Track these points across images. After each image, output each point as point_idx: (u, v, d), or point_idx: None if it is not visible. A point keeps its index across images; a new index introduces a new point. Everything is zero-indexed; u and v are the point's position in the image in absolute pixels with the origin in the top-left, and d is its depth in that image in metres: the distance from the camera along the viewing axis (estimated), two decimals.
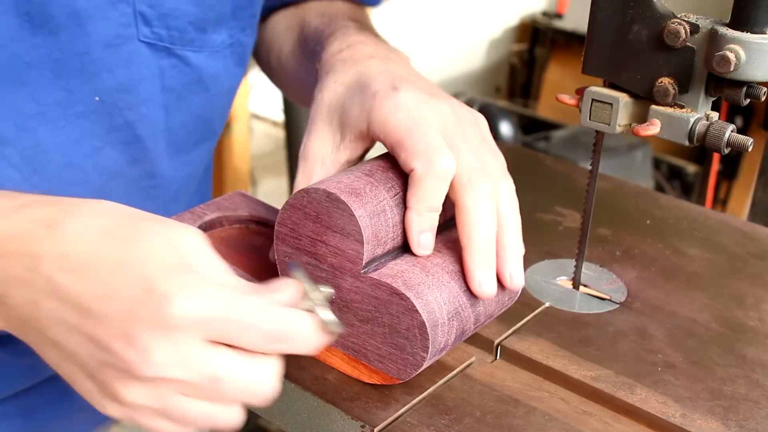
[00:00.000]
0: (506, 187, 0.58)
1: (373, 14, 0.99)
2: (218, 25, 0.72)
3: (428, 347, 0.53)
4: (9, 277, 0.48)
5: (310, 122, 0.63)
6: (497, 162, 0.59)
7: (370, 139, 0.60)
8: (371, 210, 0.55)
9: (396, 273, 0.54)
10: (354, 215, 0.54)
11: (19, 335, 0.50)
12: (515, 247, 0.57)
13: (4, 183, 0.63)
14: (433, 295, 0.54)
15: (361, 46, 0.67)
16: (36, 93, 0.62)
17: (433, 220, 0.56)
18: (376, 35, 0.73)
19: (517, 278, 0.57)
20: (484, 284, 0.56)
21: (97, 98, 0.66)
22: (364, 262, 0.55)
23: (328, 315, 0.49)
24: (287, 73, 0.84)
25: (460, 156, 0.56)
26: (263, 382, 0.47)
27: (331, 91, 0.63)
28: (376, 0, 0.88)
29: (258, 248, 0.67)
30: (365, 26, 0.75)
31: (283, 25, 0.83)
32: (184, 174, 0.78)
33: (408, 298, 0.53)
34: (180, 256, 0.46)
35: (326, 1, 0.83)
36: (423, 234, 0.56)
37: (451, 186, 0.56)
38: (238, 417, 0.48)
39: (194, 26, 0.70)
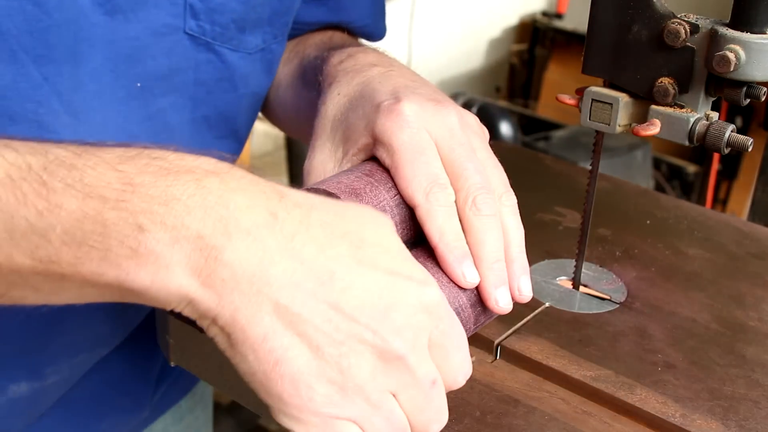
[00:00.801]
0: (509, 201, 0.58)
1: None
2: (256, 27, 0.73)
3: None
4: (229, 231, 0.43)
5: (314, 136, 0.63)
6: (501, 176, 0.59)
7: (372, 153, 0.60)
8: None
9: None
10: None
11: (214, 300, 0.43)
12: (521, 260, 0.58)
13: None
14: None
15: (361, 55, 0.67)
16: (88, 73, 0.63)
17: (467, 246, 0.56)
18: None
19: (525, 291, 0.57)
20: (501, 301, 0.56)
21: (138, 84, 0.66)
22: None
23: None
24: (284, 105, 0.84)
25: (468, 178, 0.56)
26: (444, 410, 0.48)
27: (334, 103, 0.63)
28: (380, 34, 0.88)
29: None
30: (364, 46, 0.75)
31: (283, 57, 0.84)
32: None
33: None
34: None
35: (327, 34, 0.83)
36: (467, 264, 0.55)
37: (458, 207, 0.56)
38: None
39: (236, 24, 0.70)
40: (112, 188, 0.43)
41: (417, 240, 0.57)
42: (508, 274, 0.57)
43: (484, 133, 0.62)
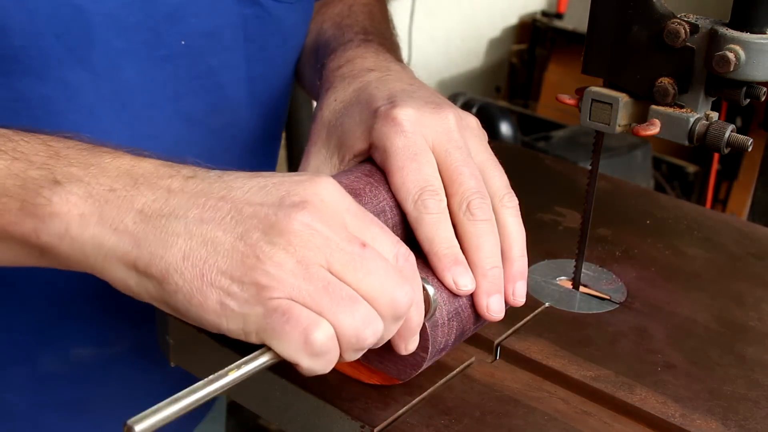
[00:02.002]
0: (510, 203, 0.58)
1: None
2: None
3: (428, 347, 0.53)
4: (138, 184, 0.48)
5: (310, 142, 0.63)
6: (501, 178, 0.59)
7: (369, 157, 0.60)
8: (371, 210, 0.55)
9: None
10: None
11: (129, 243, 0.47)
12: (521, 263, 0.57)
13: (100, 116, 0.65)
14: None
15: (359, 60, 0.67)
16: (126, 31, 0.63)
17: (459, 253, 0.56)
18: (381, 43, 0.72)
19: (519, 296, 0.57)
20: (492, 308, 0.56)
21: (183, 42, 0.66)
22: None
23: (432, 289, 0.52)
24: (302, 77, 0.84)
25: (462, 183, 0.56)
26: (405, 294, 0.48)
27: (330, 110, 0.63)
28: None
29: None
30: (374, 34, 0.75)
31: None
32: (263, 128, 0.78)
33: None
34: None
35: (347, 3, 0.83)
36: (457, 272, 0.55)
37: (451, 212, 0.56)
38: (372, 329, 0.47)
39: None
40: (39, 156, 0.49)
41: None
42: (506, 276, 0.57)
43: (484, 134, 0.62)
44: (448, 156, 0.57)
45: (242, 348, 0.61)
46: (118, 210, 0.47)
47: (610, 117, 0.61)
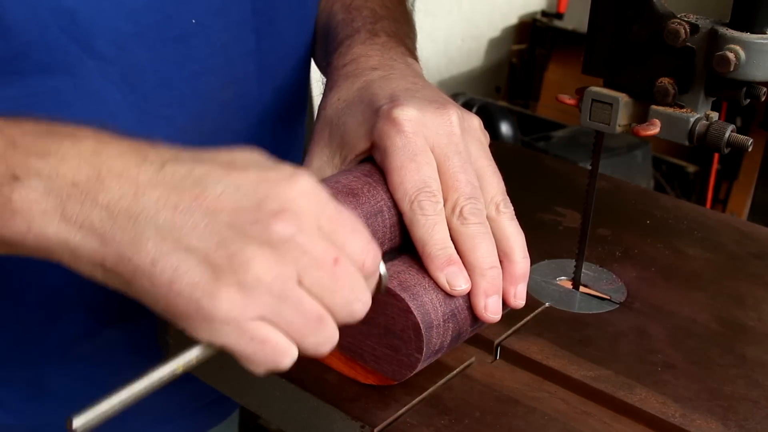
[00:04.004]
0: (506, 209, 0.58)
1: None
2: None
3: (423, 348, 0.53)
4: (102, 176, 0.45)
5: (312, 142, 0.63)
6: (498, 184, 0.59)
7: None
8: (368, 210, 0.55)
9: (392, 274, 0.54)
10: None
11: (96, 242, 0.45)
12: (524, 265, 0.57)
13: (107, 99, 0.64)
14: (428, 297, 0.54)
15: (363, 59, 0.66)
16: (134, 14, 0.63)
17: (453, 254, 0.56)
18: (389, 33, 0.72)
19: (520, 297, 0.57)
20: (490, 309, 0.56)
21: (193, 21, 0.66)
22: None
23: (383, 268, 0.51)
24: (315, 51, 0.84)
25: (458, 188, 0.56)
26: (362, 292, 0.47)
27: (333, 109, 0.63)
28: None
29: None
30: (384, 18, 0.74)
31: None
32: (274, 101, 0.78)
33: (403, 299, 0.53)
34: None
35: None
36: (450, 272, 0.55)
37: (446, 217, 0.56)
38: (333, 334, 0.47)
39: None
40: None
41: None
42: (509, 277, 0.57)
43: (486, 137, 0.61)
44: (447, 160, 0.57)
45: None
46: (81, 206, 0.45)
47: (610, 117, 0.61)
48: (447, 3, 2.62)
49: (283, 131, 0.82)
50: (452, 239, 0.56)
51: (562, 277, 0.72)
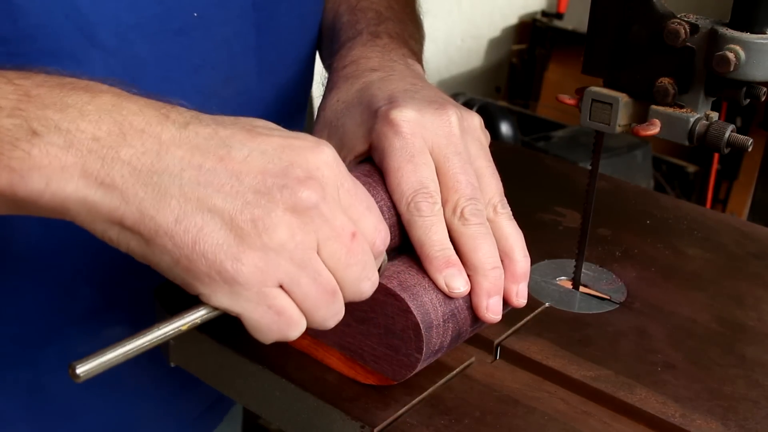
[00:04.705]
0: (504, 210, 0.58)
1: None
2: None
3: (422, 348, 0.53)
4: (124, 131, 0.44)
5: None
6: (497, 186, 0.59)
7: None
8: None
9: (392, 274, 0.54)
10: None
11: (117, 199, 0.44)
12: (524, 264, 0.58)
13: None
14: (428, 297, 0.54)
15: (363, 61, 0.66)
16: (135, 4, 0.62)
17: (452, 255, 0.56)
18: (392, 35, 0.72)
19: (522, 297, 0.57)
20: (492, 309, 0.56)
21: (195, 14, 0.66)
22: None
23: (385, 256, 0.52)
24: (321, 51, 0.84)
25: (457, 190, 0.56)
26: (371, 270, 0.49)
27: (332, 110, 0.63)
28: None
29: None
30: (389, 19, 0.74)
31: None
32: (276, 97, 0.78)
33: (403, 299, 0.53)
34: None
35: None
36: (449, 274, 0.55)
37: (446, 218, 0.56)
38: (339, 310, 0.48)
39: None
40: (8, 99, 0.44)
41: None
42: (510, 276, 0.57)
43: (486, 137, 0.61)
44: (446, 161, 0.57)
45: (242, 347, 0.61)
46: (102, 162, 0.44)
47: (610, 117, 0.61)
48: (447, 3, 2.62)
49: (282, 125, 0.82)
50: (453, 240, 0.55)
51: (562, 277, 0.72)
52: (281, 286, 0.45)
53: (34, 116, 0.44)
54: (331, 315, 0.47)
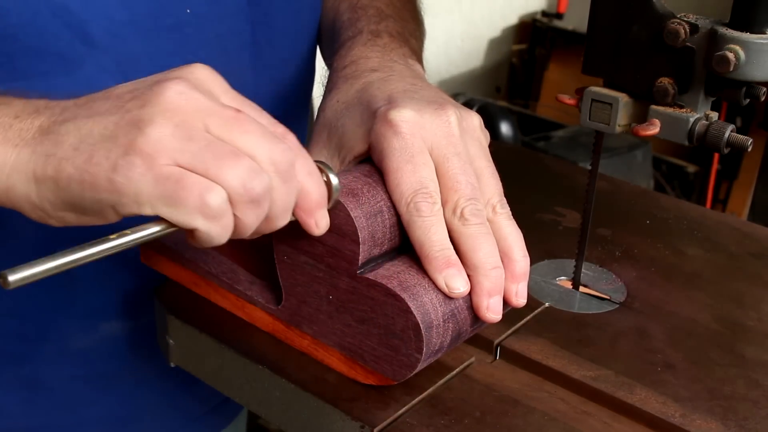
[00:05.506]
0: (503, 210, 0.58)
1: None
2: None
3: (422, 348, 0.53)
4: (42, 107, 0.51)
5: (311, 143, 0.63)
6: (496, 186, 0.59)
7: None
8: (368, 210, 0.55)
9: (392, 274, 0.54)
10: (350, 215, 0.54)
11: (31, 149, 0.49)
12: (524, 263, 0.57)
13: (101, 87, 0.67)
14: (428, 297, 0.54)
15: (363, 61, 0.66)
16: (127, 1, 0.63)
17: (451, 255, 0.55)
18: (392, 34, 0.72)
19: (522, 296, 0.57)
20: (493, 309, 0.56)
21: (188, 10, 0.67)
22: (360, 262, 0.55)
23: (335, 178, 0.53)
24: (322, 50, 0.84)
25: (457, 190, 0.56)
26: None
27: (332, 110, 0.63)
28: None
29: (260, 247, 0.67)
30: (390, 17, 0.74)
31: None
32: (271, 94, 0.78)
33: (403, 299, 0.53)
34: None
35: None
36: (449, 274, 0.55)
37: (446, 218, 0.56)
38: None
39: None
40: None
41: None
42: (510, 276, 0.57)
43: (486, 137, 0.61)
44: (446, 161, 0.56)
45: (242, 347, 0.61)
46: (20, 131, 0.49)
47: (610, 117, 0.61)
48: (447, 3, 2.62)
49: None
50: (453, 240, 0.55)
51: (562, 277, 0.72)
52: (176, 163, 0.47)
53: None
54: (246, 174, 0.47)
